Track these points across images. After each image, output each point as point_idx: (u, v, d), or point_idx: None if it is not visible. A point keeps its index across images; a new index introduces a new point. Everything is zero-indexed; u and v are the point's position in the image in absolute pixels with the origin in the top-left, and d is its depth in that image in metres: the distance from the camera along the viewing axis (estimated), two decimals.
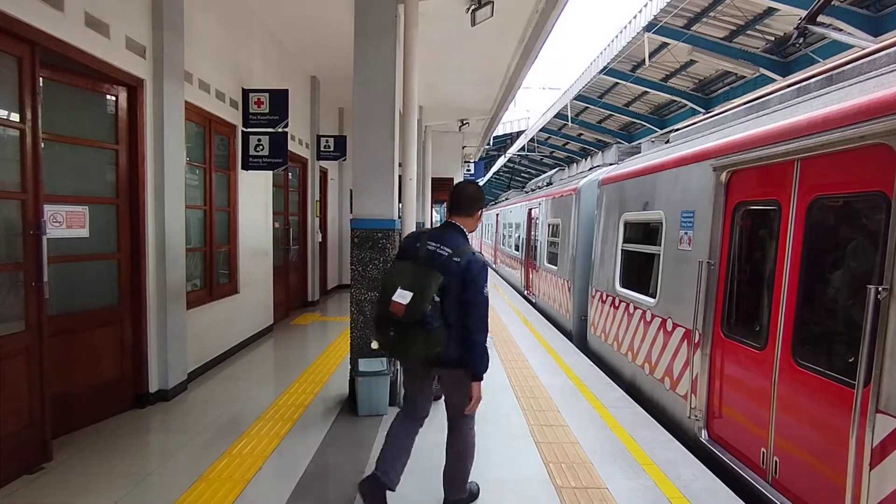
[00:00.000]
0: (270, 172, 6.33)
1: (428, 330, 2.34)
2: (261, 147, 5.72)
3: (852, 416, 2.27)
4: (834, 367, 2.57)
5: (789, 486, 2.80)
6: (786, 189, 2.96)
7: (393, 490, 2.54)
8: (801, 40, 5.03)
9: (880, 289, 2.20)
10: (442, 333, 2.37)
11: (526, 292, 11.59)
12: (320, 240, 9.27)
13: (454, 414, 2.60)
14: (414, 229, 4.14)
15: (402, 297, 2.33)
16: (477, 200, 2.64)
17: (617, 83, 17.22)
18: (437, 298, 2.35)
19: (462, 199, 2.61)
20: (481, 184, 31.55)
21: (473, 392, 2.46)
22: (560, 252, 8.46)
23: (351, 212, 4.24)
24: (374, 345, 2.59)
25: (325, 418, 3.91)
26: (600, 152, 10.77)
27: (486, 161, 27.03)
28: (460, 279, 2.38)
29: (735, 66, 12.74)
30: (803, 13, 4.86)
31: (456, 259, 2.41)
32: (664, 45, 13.52)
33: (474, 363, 2.43)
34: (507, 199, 18.96)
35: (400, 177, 4.24)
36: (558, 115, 20.66)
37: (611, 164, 7.41)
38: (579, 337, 7.13)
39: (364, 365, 4.01)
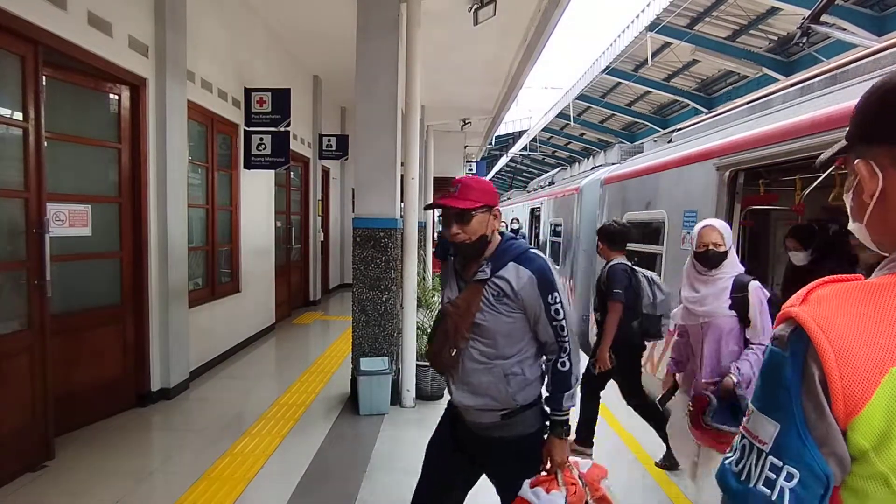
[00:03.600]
0: (272, 172, 6.33)
1: None
2: (263, 146, 5.72)
3: None
4: None
5: None
6: None
7: None
8: (804, 40, 5.03)
9: None
10: None
11: None
12: (322, 239, 9.27)
13: None
14: (416, 228, 4.25)
15: None
16: None
17: (619, 83, 17.18)
18: None
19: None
20: None
21: None
22: (562, 251, 8.44)
23: (353, 211, 4.24)
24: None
25: (326, 417, 3.91)
26: (602, 152, 10.77)
27: (488, 160, 27.01)
28: None
29: (738, 65, 12.70)
30: (807, 12, 4.84)
31: None
32: (667, 44, 13.49)
33: None
34: (508, 198, 18.95)
35: (402, 176, 4.24)
36: (560, 115, 20.64)
37: (613, 164, 7.39)
38: (581, 337, 7.12)
39: (366, 364, 4.01)
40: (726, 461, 0.67)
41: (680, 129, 5.36)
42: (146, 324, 3.97)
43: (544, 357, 1.73)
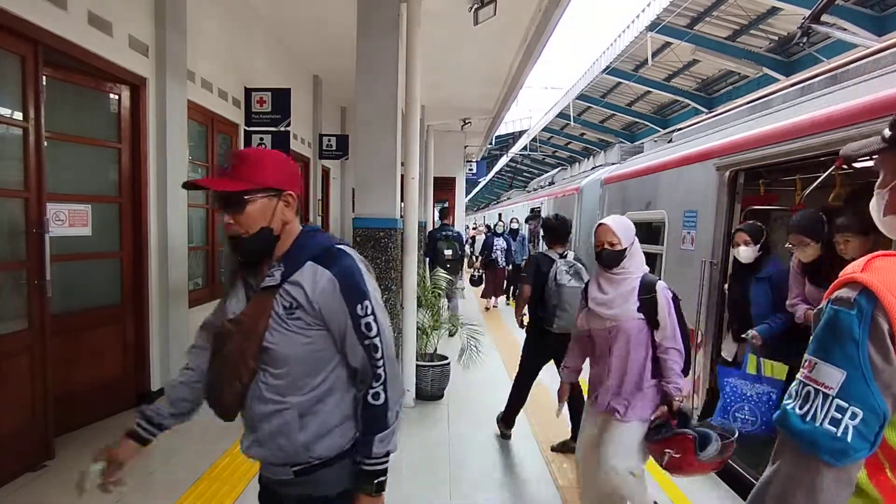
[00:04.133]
0: None
1: (462, 258, 7.60)
2: (263, 146, 5.72)
3: None
4: None
5: None
6: None
7: None
8: (804, 39, 5.02)
9: None
10: (463, 260, 8.02)
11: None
12: None
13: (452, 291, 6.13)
14: (416, 228, 4.29)
15: (449, 251, 7.04)
16: (451, 213, 7.77)
17: (619, 83, 17.18)
18: (459, 250, 7.25)
19: (447, 213, 7.51)
20: (483, 183, 31.79)
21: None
22: None
23: (353, 211, 4.24)
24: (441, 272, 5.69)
25: None
26: (602, 152, 10.77)
27: (489, 160, 27.00)
28: (460, 241, 7.44)
29: (738, 65, 12.70)
30: (807, 12, 4.84)
31: (456, 234, 7.36)
32: (667, 44, 13.49)
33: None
34: (509, 198, 18.96)
35: (402, 176, 4.24)
36: (560, 115, 20.63)
37: (613, 164, 7.39)
38: None
39: None
40: (788, 406, 0.76)
41: (680, 129, 5.36)
42: (146, 323, 3.97)
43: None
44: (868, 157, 0.89)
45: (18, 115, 2.89)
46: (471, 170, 15.64)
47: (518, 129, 25.69)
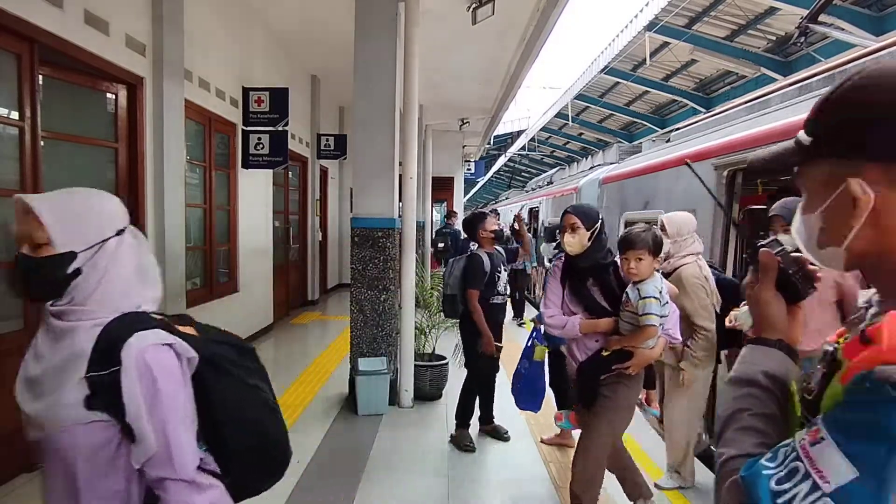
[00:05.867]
0: (270, 171, 6.32)
1: (449, 250, 8.30)
2: (261, 146, 5.71)
3: None
4: None
5: None
6: None
7: None
8: (802, 39, 5.03)
9: None
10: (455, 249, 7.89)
11: (526, 291, 11.57)
12: (320, 238, 9.26)
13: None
14: (414, 228, 4.28)
15: (442, 244, 8.69)
16: (454, 216, 9.67)
17: (618, 82, 17.20)
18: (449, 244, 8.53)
19: (449, 215, 9.75)
20: (481, 183, 31.81)
21: None
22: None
23: (351, 210, 4.23)
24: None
25: (324, 417, 3.90)
26: (601, 151, 10.77)
27: (487, 160, 26.99)
28: (454, 237, 8.58)
29: (736, 65, 12.73)
30: (805, 12, 4.85)
31: (452, 231, 8.78)
32: (665, 44, 13.51)
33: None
34: (507, 198, 18.97)
35: (400, 175, 4.24)
36: (559, 115, 20.64)
37: (611, 164, 7.40)
38: None
39: (364, 364, 4.00)
40: (764, 469, 0.58)
41: (678, 129, 5.36)
42: None
43: None
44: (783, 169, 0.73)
45: (14, 115, 2.88)
46: (469, 169, 15.65)
47: (516, 128, 25.70)
